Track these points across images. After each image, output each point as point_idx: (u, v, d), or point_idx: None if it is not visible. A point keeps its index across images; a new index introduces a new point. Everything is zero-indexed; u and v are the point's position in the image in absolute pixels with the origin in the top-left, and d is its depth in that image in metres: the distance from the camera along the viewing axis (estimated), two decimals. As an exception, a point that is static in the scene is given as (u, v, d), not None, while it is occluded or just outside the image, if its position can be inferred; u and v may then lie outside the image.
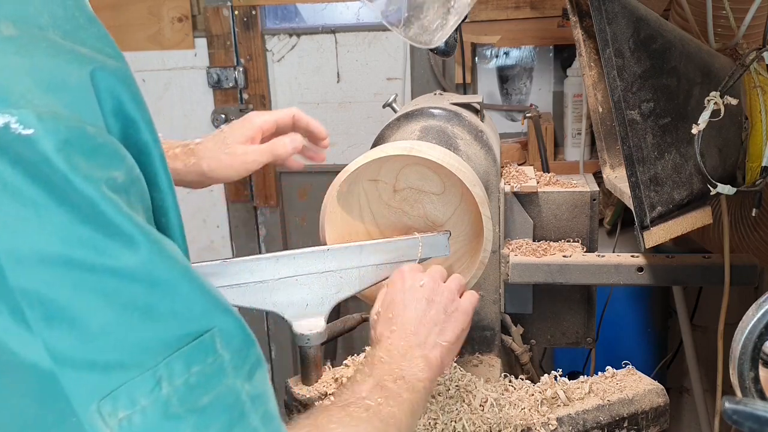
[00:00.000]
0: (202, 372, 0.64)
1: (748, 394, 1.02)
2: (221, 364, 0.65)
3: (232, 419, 0.65)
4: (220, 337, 0.65)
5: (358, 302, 1.41)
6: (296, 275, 1.28)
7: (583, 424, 1.30)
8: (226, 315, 0.67)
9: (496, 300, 1.57)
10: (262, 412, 0.68)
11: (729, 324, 1.46)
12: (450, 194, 1.40)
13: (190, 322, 0.64)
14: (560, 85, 2.85)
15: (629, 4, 1.36)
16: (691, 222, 1.51)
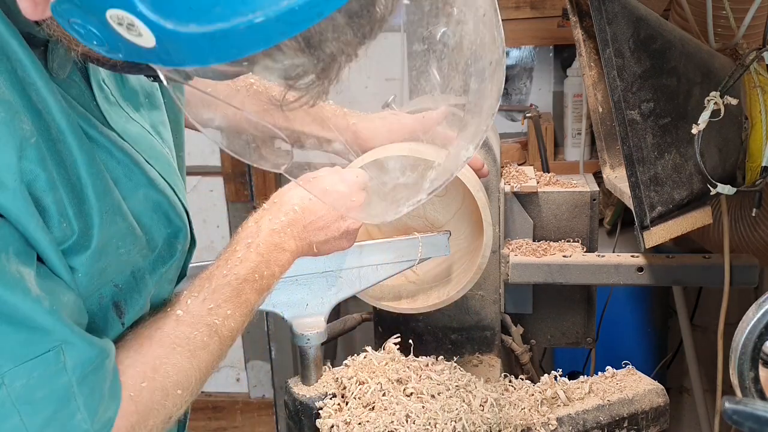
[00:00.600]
0: (41, 376, 0.82)
1: (748, 394, 1.02)
2: (60, 370, 0.84)
3: (59, 406, 0.84)
4: (64, 351, 0.84)
5: (358, 302, 1.41)
6: (296, 275, 1.28)
7: (583, 424, 1.30)
8: (73, 335, 0.85)
9: (496, 300, 1.57)
10: (86, 396, 0.85)
11: (729, 324, 1.46)
12: (451, 197, 1.40)
13: (38, 344, 0.82)
14: (560, 85, 2.84)
15: (629, 4, 1.36)
16: (691, 222, 1.51)
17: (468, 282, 1.37)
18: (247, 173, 3.13)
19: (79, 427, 0.86)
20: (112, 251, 0.95)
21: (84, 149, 0.90)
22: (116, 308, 0.99)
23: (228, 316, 1.06)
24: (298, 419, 1.29)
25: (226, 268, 1.09)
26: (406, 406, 1.19)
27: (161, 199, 1.04)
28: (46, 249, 0.85)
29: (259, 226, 1.15)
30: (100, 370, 0.88)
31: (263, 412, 3.41)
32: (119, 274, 0.98)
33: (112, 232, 0.94)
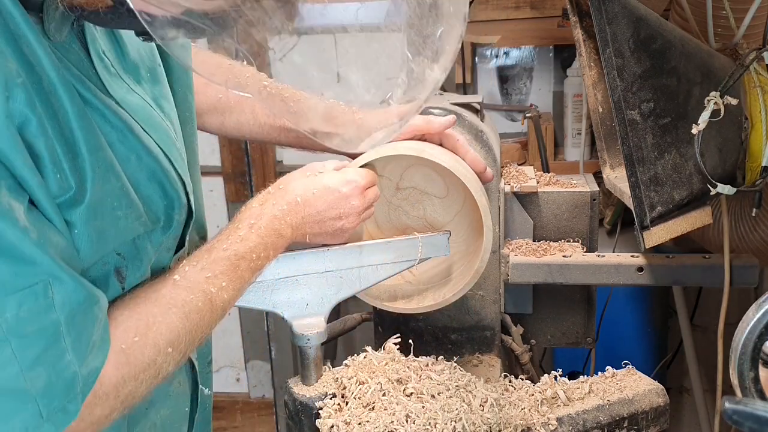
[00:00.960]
0: (31, 310, 0.86)
1: (748, 394, 1.02)
2: (49, 306, 0.87)
3: (48, 343, 0.88)
4: (53, 287, 0.87)
5: (358, 302, 1.41)
6: (296, 275, 1.28)
7: (583, 424, 1.30)
8: (62, 272, 0.89)
9: (496, 300, 1.57)
10: (74, 338, 0.89)
11: (729, 324, 1.46)
12: (452, 199, 1.40)
13: (26, 275, 0.85)
14: (560, 85, 2.85)
15: (629, 4, 1.36)
16: (691, 222, 1.51)
17: (465, 285, 1.37)
18: (247, 173, 3.13)
19: (68, 369, 0.89)
20: (108, 211, 0.98)
21: (75, 104, 0.93)
22: (118, 274, 1.03)
23: (223, 287, 1.09)
24: (298, 419, 1.29)
25: (226, 242, 1.13)
26: (406, 406, 1.19)
27: (155, 167, 1.07)
28: (36, 192, 0.89)
29: (263, 210, 1.19)
30: (88, 315, 0.92)
31: (263, 412, 3.41)
32: (121, 243, 1.02)
33: (106, 190, 0.97)
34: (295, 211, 1.22)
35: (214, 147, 3.11)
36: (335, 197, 1.25)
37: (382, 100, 1.72)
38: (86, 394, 0.91)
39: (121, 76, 1.07)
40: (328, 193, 1.24)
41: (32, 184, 0.88)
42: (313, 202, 1.23)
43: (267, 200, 1.22)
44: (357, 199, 1.26)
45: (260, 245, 1.16)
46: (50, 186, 0.91)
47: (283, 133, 1.47)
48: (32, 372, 0.87)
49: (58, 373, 0.89)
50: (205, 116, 1.49)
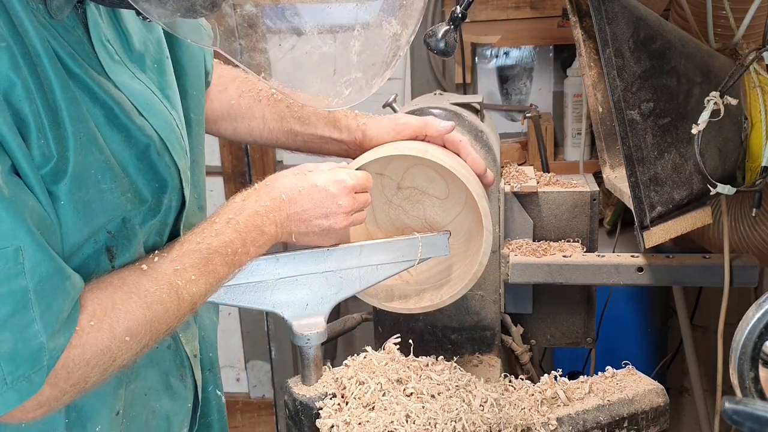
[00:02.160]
0: (1, 271, 0.87)
1: (748, 394, 1.02)
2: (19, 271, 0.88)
3: (16, 308, 0.89)
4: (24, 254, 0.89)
5: (358, 302, 1.41)
6: (296, 275, 1.28)
7: (583, 424, 1.30)
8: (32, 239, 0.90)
9: (496, 300, 1.57)
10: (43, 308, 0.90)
11: (729, 324, 1.46)
12: (453, 201, 1.40)
13: None
14: (560, 85, 2.85)
15: (629, 4, 1.36)
16: (691, 222, 1.51)
17: (463, 288, 1.37)
18: (247, 173, 3.13)
19: (35, 338, 0.90)
20: (93, 184, 0.99)
21: (59, 75, 0.95)
22: (108, 252, 1.04)
23: (192, 281, 1.08)
24: (298, 419, 1.29)
25: (200, 236, 1.13)
26: (406, 406, 1.19)
27: (148, 148, 1.07)
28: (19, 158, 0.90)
29: (244, 205, 1.19)
30: (59, 289, 0.93)
31: (263, 412, 3.41)
32: (110, 220, 1.02)
33: (89, 162, 0.98)
34: (279, 207, 1.20)
35: (214, 147, 3.11)
36: (322, 196, 1.23)
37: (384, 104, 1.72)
38: (51, 368, 0.92)
39: (126, 64, 1.09)
40: (315, 192, 1.23)
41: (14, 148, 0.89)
42: (298, 199, 1.22)
43: (250, 196, 1.21)
44: (344, 199, 1.25)
45: (237, 240, 1.15)
46: (33, 154, 0.92)
47: (291, 137, 1.48)
48: None
49: (24, 340, 0.89)
50: (220, 122, 1.50)
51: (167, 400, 1.22)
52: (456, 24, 1.54)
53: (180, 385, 1.25)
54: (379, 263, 1.33)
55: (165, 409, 1.22)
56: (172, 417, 1.23)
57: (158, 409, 1.20)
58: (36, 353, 0.90)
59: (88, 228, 1.00)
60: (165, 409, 1.22)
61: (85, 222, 0.99)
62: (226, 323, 3.29)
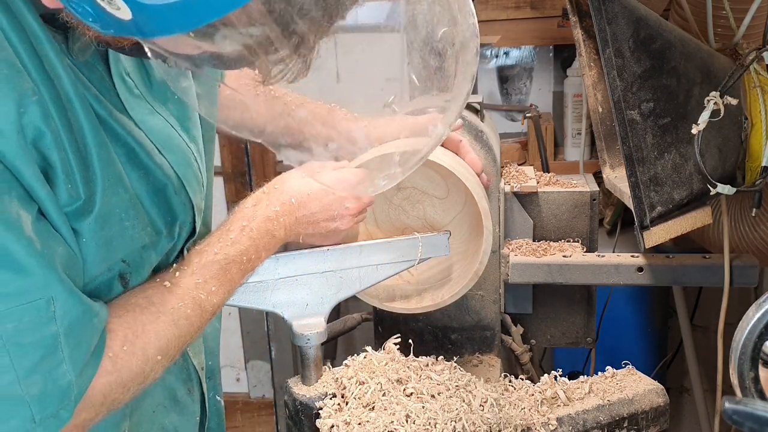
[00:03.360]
0: (32, 321, 0.88)
1: (748, 394, 1.02)
2: (50, 319, 0.89)
3: (46, 353, 0.89)
4: (55, 303, 0.89)
5: (358, 302, 1.41)
6: (296, 275, 1.28)
7: (583, 424, 1.30)
8: (63, 287, 0.90)
9: (496, 300, 1.57)
10: (71, 349, 0.91)
11: (729, 324, 1.46)
12: (453, 200, 1.40)
13: (28, 289, 0.87)
14: (560, 85, 2.85)
15: (629, 4, 1.36)
16: (691, 222, 1.51)
17: (463, 287, 1.37)
18: (247, 173, 3.13)
19: (64, 377, 0.91)
20: (116, 222, 1.00)
21: (90, 120, 0.96)
22: (122, 279, 1.05)
23: (213, 292, 1.10)
24: (298, 419, 1.29)
25: (217, 246, 1.13)
26: (406, 406, 1.19)
27: (165, 186, 1.08)
28: (45, 202, 0.91)
29: (255, 211, 1.19)
30: (87, 327, 0.94)
31: (263, 412, 3.41)
32: (129, 253, 1.04)
33: (115, 202, 0.99)
34: (289, 212, 1.21)
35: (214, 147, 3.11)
36: (330, 199, 1.25)
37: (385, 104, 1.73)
38: (78, 401, 0.93)
39: (145, 97, 1.09)
40: (324, 195, 1.24)
41: (41, 195, 0.90)
42: (307, 203, 1.23)
43: (260, 201, 1.21)
44: (352, 201, 1.27)
45: (251, 248, 1.16)
46: (60, 196, 0.93)
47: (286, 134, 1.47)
48: (28, 379, 0.88)
49: (54, 381, 0.90)
50: None
51: (175, 415, 1.22)
52: (456, 24, 1.54)
53: (188, 399, 1.25)
54: (379, 263, 1.32)
55: (174, 424, 1.22)
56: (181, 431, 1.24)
57: (167, 425, 1.21)
58: (65, 391, 0.91)
59: (107, 262, 1.01)
60: (174, 425, 1.22)
61: (104, 256, 1.00)
62: (226, 323, 3.28)
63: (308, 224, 1.24)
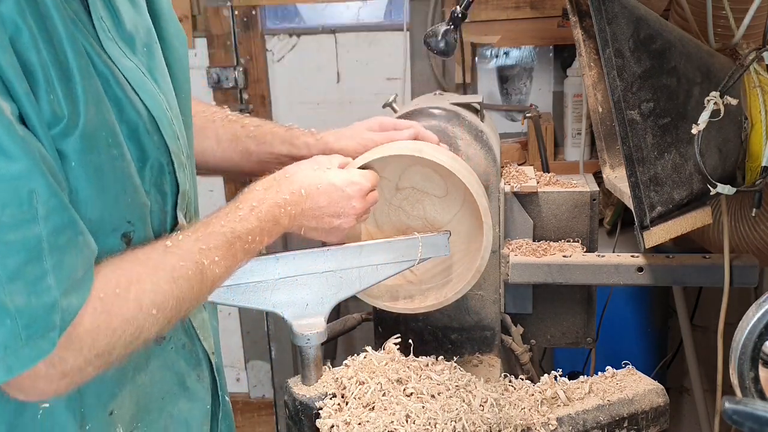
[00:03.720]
0: (14, 216, 0.84)
1: (748, 394, 1.02)
2: (33, 217, 0.86)
3: (29, 257, 0.86)
4: (37, 198, 0.86)
5: (358, 302, 1.41)
6: (296, 275, 1.28)
7: (583, 424, 1.30)
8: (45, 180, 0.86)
9: (496, 300, 1.57)
10: (56, 261, 0.88)
11: (729, 324, 1.46)
12: (452, 199, 1.40)
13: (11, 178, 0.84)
14: (560, 85, 2.85)
15: (629, 4, 1.36)
16: (691, 222, 1.51)
17: (466, 285, 1.37)
18: (247, 173, 3.13)
19: (48, 293, 0.88)
20: (104, 148, 0.97)
21: (68, 29, 0.93)
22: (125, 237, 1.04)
23: (215, 262, 1.08)
24: (298, 419, 1.29)
25: (225, 219, 1.13)
26: (406, 406, 1.19)
27: (138, 125, 1.05)
28: (25, 104, 0.87)
29: (266, 195, 1.20)
30: (72, 244, 0.91)
31: (263, 412, 3.41)
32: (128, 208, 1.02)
33: (99, 121, 0.96)
34: (296, 202, 1.22)
35: (214, 147, 3.11)
36: (338, 195, 1.26)
37: (384, 104, 1.72)
38: (64, 329, 0.89)
39: (118, 44, 1.07)
40: (333, 191, 1.26)
41: (21, 96, 0.87)
42: (316, 196, 1.24)
43: (271, 186, 1.22)
44: (358, 201, 1.28)
45: (257, 229, 1.16)
46: (43, 110, 0.89)
47: (246, 156, 1.47)
48: (12, 285, 0.85)
49: (37, 294, 0.87)
50: None
51: (185, 402, 1.21)
52: (456, 24, 1.54)
53: (198, 386, 1.24)
54: (379, 263, 1.33)
55: (183, 412, 1.20)
56: (191, 420, 1.22)
57: (176, 413, 1.19)
58: (49, 310, 0.88)
59: (102, 202, 0.98)
60: (183, 413, 1.20)
61: (98, 192, 0.97)
62: (226, 323, 3.28)
63: (313, 217, 1.25)
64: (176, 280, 1.02)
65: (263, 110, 3.04)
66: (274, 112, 3.07)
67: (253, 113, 3.04)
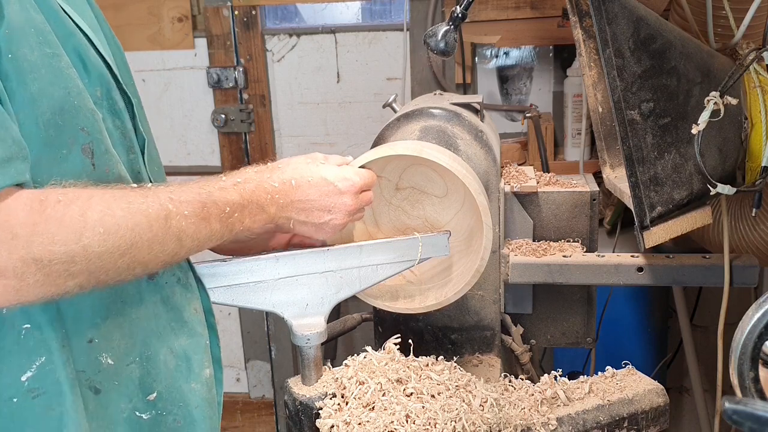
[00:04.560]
0: None
1: (748, 394, 1.02)
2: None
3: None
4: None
5: (358, 302, 1.41)
6: (296, 275, 1.28)
7: (583, 424, 1.30)
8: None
9: (496, 300, 1.57)
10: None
11: (729, 324, 1.46)
12: (452, 198, 1.40)
13: None
14: (560, 85, 2.84)
15: (629, 4, 1.36)
16: (691, 222, 1.51)
17: (466, 284, 1.37)
18: (247, 173, 3.13)
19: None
20: (36, 46, 0.94)
21: None
22: (85, 151, 1.00)
23: (183, 215, 1.02)
24: (298, 419, 1.29)
25: (202, 184, 1.10)
26: (406, 406, 1.19)
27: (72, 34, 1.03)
28: None
29: (255, 177, 1.18)
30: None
31: (263, 412, 3.41)
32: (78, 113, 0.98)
33: (27, 19, 0.94)
34: (285, 192, 1.21)
35: (214, 147, 3.11)
36: (329, 190, 1.25)
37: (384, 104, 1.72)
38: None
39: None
40: (324, 184, 1.24)
41: None
42: (306, 188, 1.23)
43: (262, 172, 1.21)
44: (350, 198, 1.26)
45: (238, 204, 1.12)
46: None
47: None
48: None
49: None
50: None
51: (185, 337, 1.17)
52: (456, 24, 1.55)
53: (194, 319, 1.19)
54: (379, 263, 1.33)
55: (183, 347, 1.16)
56: (192, 355, 1.17)
57: (176, 347, 1.15)
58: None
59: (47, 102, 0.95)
60: (183, 347, 1.16)
61: (39, 92, 0.94)
62: (226, 323, 3.28)
63: (302, 210, 1.24)
64: (132, 213, 0.96)
65: (263, 110, 3.04)
66: (274, 112, 3.07)
67: (253, 113, 3.04)
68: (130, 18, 3.00)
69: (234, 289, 1.23)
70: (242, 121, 3.05)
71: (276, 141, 3.10)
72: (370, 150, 1.37)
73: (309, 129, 3.05)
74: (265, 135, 3.07)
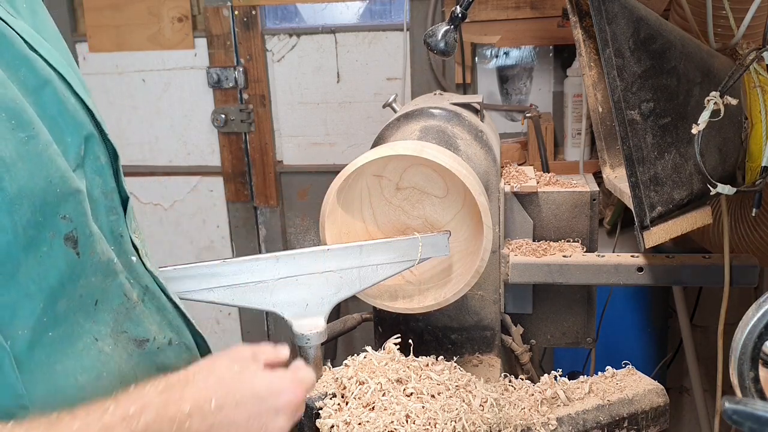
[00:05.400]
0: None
1: (748, 394, 1.02)
2: None
3: None
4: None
5: (358, 302, 1.41)
6: (296, 275, 1.28)
7: (583, 424, 1.30)
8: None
9: (496, 300, 1.57)
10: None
11: (729, 324, 1.46)
12: (452, 199, 1.40)
13: None
14: (560, 85, 2.85)
15: (629, 4, 1.36)
16: (691, 222, 1.51)
17: (465, 285, 1.37)
18: (247, 173, 3.13)
19: None
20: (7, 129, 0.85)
21: None
22: (68, 240, 0.91)
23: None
24: (298, 419, 1.29)
25: (82, 415, 0.88)
26: (406, 406, 1.19)
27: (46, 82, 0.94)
28: None
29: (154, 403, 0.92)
30: None
31: (263, 412, 3.41)
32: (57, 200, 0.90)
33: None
34: (202, 416, 0.93)
35: (215, 147, 3.11)
36: (261, 410, 0.99)
37: (384, 104, 1.72)
38: None
39: (3, 5, 0.97)
40: (254, 403, 0.99)
41: None
42: (230, 411, 0.96)
43: (171, 389, 0.94)
44: (286, 419, 1.01)
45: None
46: None
47: None
48: None
49: None
50: None
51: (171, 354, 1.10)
52: (456, 24, 1.54)
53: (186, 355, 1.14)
54: (379, 263, 1.33)
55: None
56: None
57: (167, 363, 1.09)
58: None
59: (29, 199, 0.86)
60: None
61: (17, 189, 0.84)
62: (226, 323, 3.29)
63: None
64: None
65: (263, 110, 3.04)
66: (274, 112, 3.07)
67: (254, 113, 3.05)
68: (130, 18, 3.00)
69: (234, 288, 1.23)
70: (242, 121, 3.05)
71: (276, 141, 3.10)
72: (370, 150, 1.37)
73: (309, 129, 3.05)
74: (265, 135, 3.07)
